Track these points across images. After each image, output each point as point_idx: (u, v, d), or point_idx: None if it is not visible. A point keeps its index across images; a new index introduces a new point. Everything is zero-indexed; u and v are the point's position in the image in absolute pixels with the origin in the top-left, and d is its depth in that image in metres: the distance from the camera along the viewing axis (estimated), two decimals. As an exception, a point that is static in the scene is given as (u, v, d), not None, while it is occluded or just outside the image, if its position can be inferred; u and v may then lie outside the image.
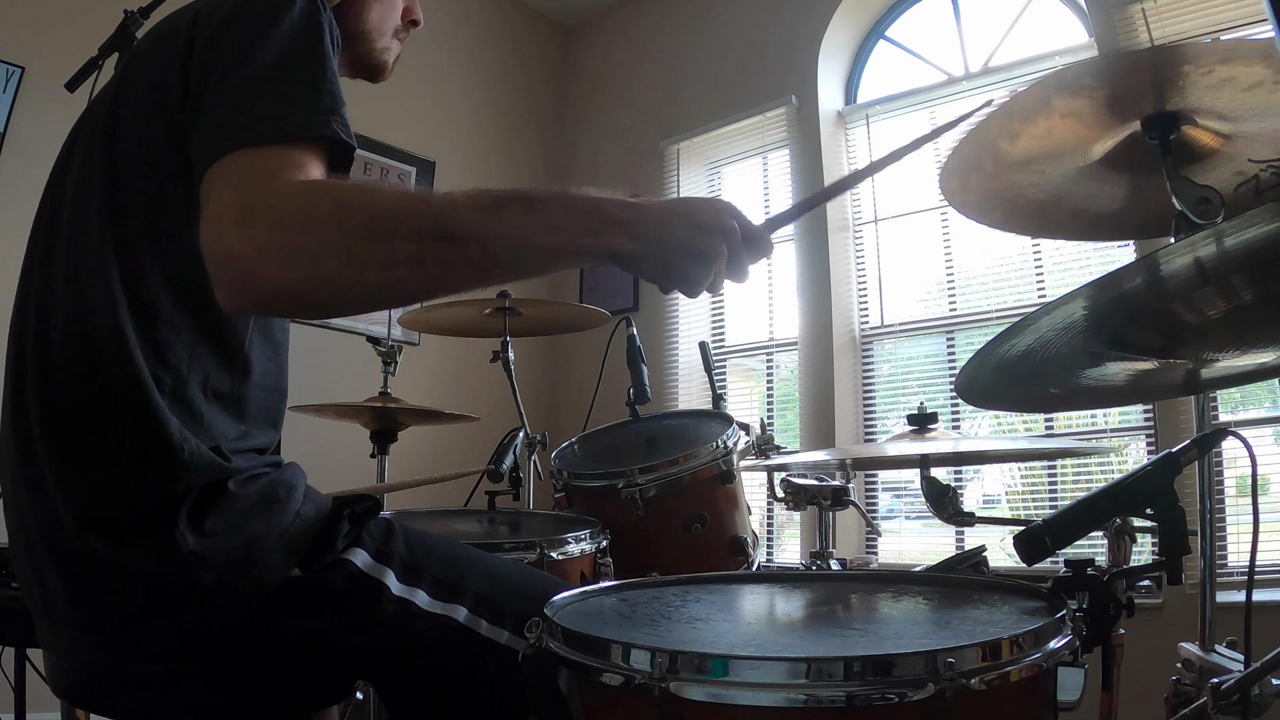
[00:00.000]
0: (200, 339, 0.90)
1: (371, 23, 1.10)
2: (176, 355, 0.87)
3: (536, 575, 1.11)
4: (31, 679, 1.57)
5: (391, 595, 0.92)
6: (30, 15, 2.97)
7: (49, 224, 0.95)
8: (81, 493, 0.84)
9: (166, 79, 0.86)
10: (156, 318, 0.87)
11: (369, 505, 0.97)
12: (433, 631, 0.94)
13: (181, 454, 0.84)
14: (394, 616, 0.92)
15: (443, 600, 0.96)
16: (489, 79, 4.48)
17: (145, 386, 0.84)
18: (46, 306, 0.90)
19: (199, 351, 0.89)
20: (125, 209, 0.88)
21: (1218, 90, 1.20)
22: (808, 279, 3.71)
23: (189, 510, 0.84)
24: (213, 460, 0.86)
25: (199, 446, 0.86)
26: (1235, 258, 0.85)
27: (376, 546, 0.94)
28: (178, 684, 0.88)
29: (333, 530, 0.92)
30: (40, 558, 0.87)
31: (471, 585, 0.98)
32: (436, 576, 0.96)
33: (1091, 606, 0.81)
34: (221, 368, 0.92)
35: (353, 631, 0.92)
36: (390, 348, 2.07)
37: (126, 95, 0.91)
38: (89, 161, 0.91)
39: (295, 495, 0.92)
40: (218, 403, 0.91)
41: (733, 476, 1.76)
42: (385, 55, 1.14)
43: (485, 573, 1.01)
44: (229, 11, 0.86)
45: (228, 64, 0.83)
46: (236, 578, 0.85)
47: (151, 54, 0.91)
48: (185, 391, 0.87)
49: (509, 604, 0.99)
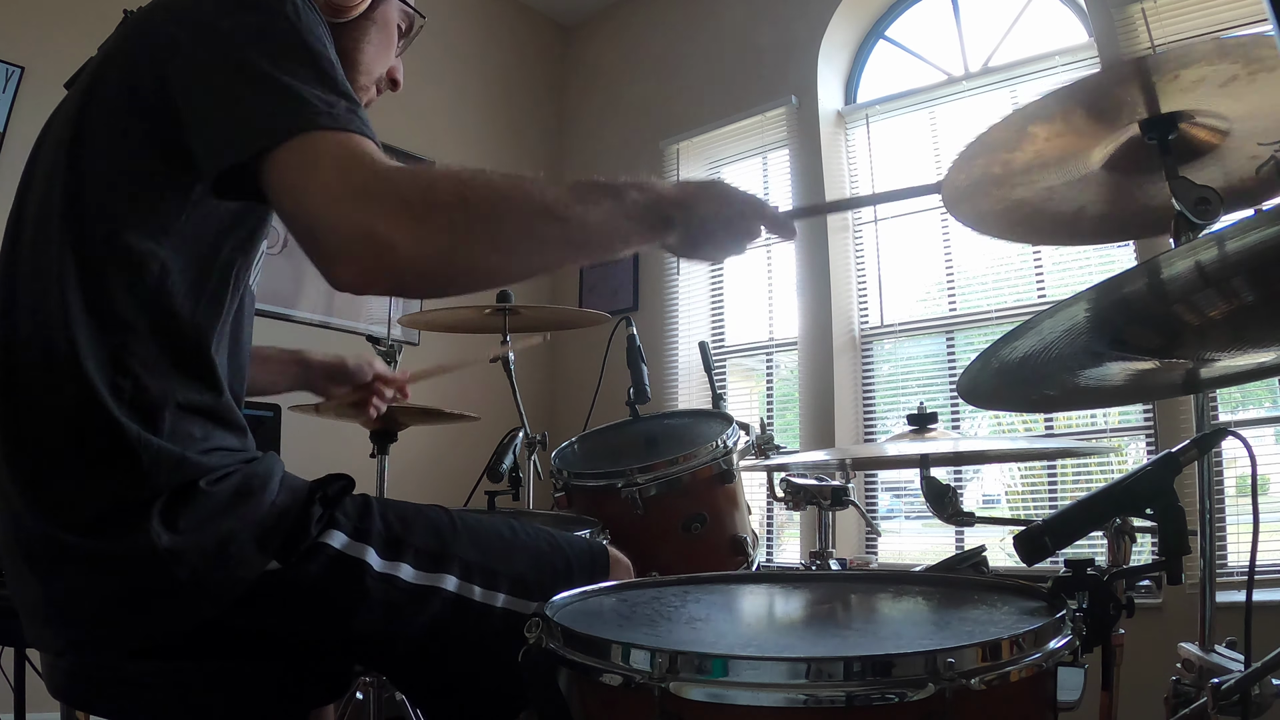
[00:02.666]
0: (163, 346, 0.88)
1: (364, 55, 1.07)
2: (138, 362, 0.86)
3: (527, 531, 1.08)
4: (31, 679, 1.57)
5: (374, 573, 0.91)
6: (30, 15, 2.97)
7: (15, 227, 0.94)
8: (46, 495, 0.84)
9: (141, 78, 0.85)
10: (114, 323, 0.86)
11: (342, 485, 0.96)
12: (422, 605, 0.93)
13: (140, 460, 0.83)
14: (380, 594, 0.91)
15: (428, 571, 0.94)
16: (489, 79, 4.48)
17: (98, 392, 0.83)
18: (8, 310, 0.90)
19: (162, 358, 0.88)
20: (86, 211, 0.87)
21: (1196, 90, 1.21)
22: (808, 279, 3.71)
23: (161, 510, 0.84)
24: (178, 463, 0.85)
25: (161, 450, 0.84)
26: (1236, 260, 0.85)
27: (353, 525, 0.93)
28: (174, 684, 0.88)
29: (305, 516, 0.90)
30: (17, 558, 0.87)
31: (457, 552, 0.96)
32: (419, 548, 0.95)
33: (1091, 606, 0.81)
34: (187, 373, 0.90)
35: (341, 616, 0.91)
36: (390, 346, 2.06)
37: (94, 97, 0.89)
38: (54, 168, 0.90)
39: (270, 485, 0.91)
40: (185, 408, 0.89)
41: (732, 476, 1.76)
42: (362, 95, 1.09)
43: (471, 538, 0.99)
44: (214, 10, 0.84)
45: (227, 57, 0.81)
46: (212, 572, 0.84)
47: (122, 54, 0.89)
48: (146, 398, 0.86)
49: (500, 566, 0.98)
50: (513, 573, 0.98)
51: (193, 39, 0.84)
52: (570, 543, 1.10)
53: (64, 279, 0.85)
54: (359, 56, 1.07)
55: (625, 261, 4.39)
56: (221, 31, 0.83)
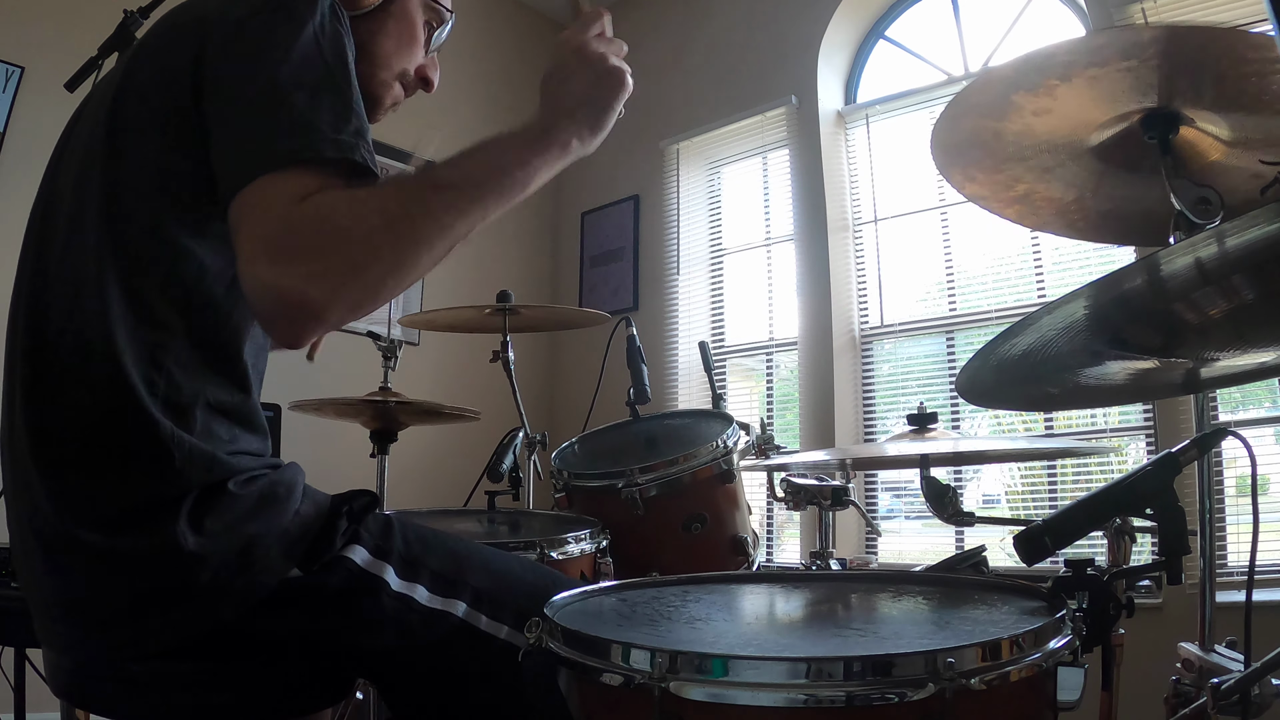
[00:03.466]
0: (198, 345, 0.89)
1: (383, 49, 1.06)
2: (171, 358, 0.87)
3: (537, 570, 1.10)
4: (31, 679, 1.57)
5: (391, 591, 0.92)
6: (30, 15, 2.97)
7: (41, 224, 0.94)
8: (71, 491, 0.84)
9: (174, 81, 0.85)
10: (151, 320, 0.86)
11: (366, 501, 0.97)
12: (432, 627, 0.94)
13: (173, 457, 0.84)
14: (393, 612, 0.92)
15: (442, 595, 0.95)
16: (489, 79, 4.48)
17: (134, 389, 0.84)
18: (40, 306, 0.90)
19: (195, 357, 0.89)
20: (125, 211, 0.87)
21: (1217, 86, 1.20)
22: (807, 279, 3.71)
23: (189, 510, 0.84)
24: (209, 462, 0.86)
25: (194, 448, 0.85)
26: (1236, 258, 0.85)
27: (375, 543, 0.94)
28: (177, 685, 0.88)
29: (331, 528, 0.91)
30: (33, 555, 0.87)
31: (471, 580, 0.97)
32: (435, 571, 0.96)
33: (1091, 606, 0.81)
34: (219, 373, 0.91)
35: (353, 629, 0.92)
36: (391, 342, 2.06)
37: (129, 98, 0.90)
38: (89, 163, 0.90)
39: (295, 494, 0.92)
40: (214, 407, 0.90)
41: (733, 476, 1.76)
42: (382, 90, 1.09)
43: (485, 568, 1.01)
44: (246, 12, 0.85)
45: (248, 69, 0.82)
46: (234, 577, 0.84)
47: (156, 55, 0.90)
48: (179, 395, 0.87)
49: (508, 598, 0.99)
50: (518, 607, 0.99)
51: (219, 45, 0.85)
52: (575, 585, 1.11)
53: (103, 277, 0.85)
54: (375, 49, 1.06)
55: (625, 262, 4.40)
56: (240, 48, 0.84)
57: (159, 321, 0.87)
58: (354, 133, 0.82)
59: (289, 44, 0.82)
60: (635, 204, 4.42)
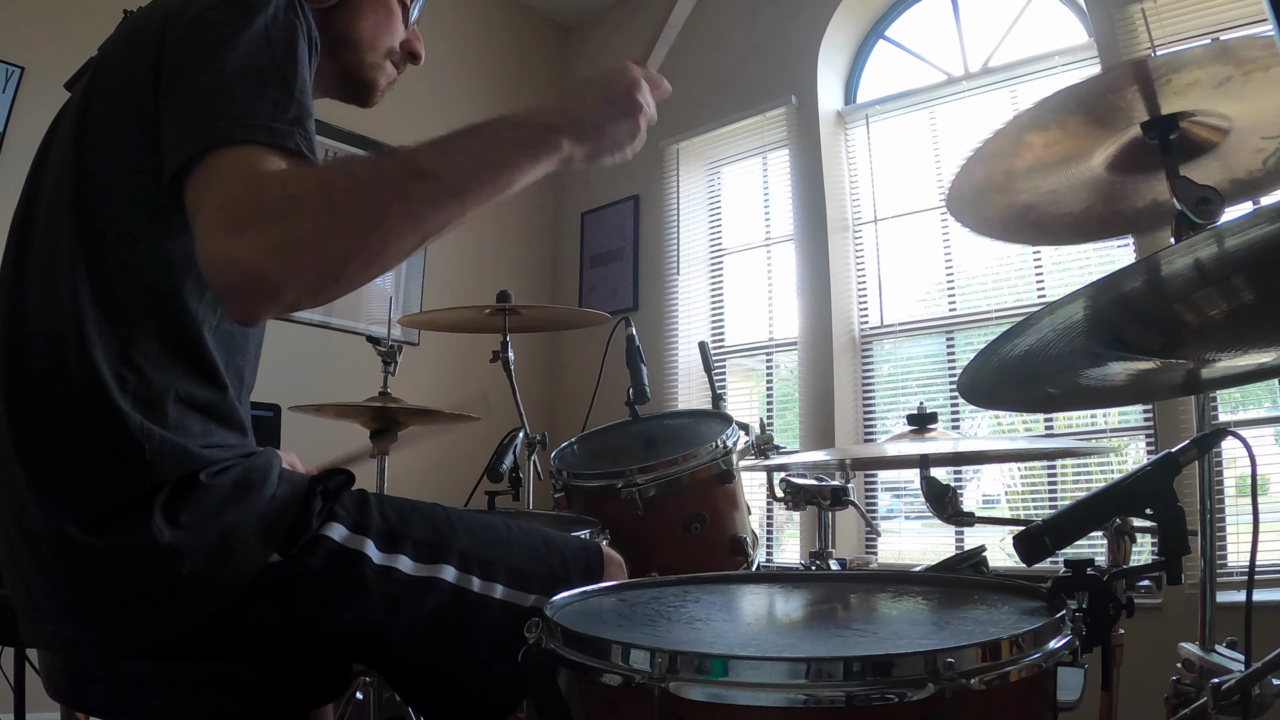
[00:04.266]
0: (164, 339, 0.89)
1: (363, 33, 1.07)
2: (140, 353, 0.87)
3: (523, 529, 1.09)
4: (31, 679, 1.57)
5: (373, 565, 0.92)
6: (30, 15, 2.97)
7: (22, 223, 0.95)
8: (55, 488, 0.84)
9: (138, 77, 0.86)
10: (119, 315, 0.87)
11: (341, 480, 0.97)
12: (422, 598, 0.94)
13: (144, 450, 0.84)
14: (379, 587, 0.92)
15: (426, 562, 0.95)
16: (489, 79, 4.48)
17: (105, 384, 0.84)
18: (17, 303, 0.90)
19: (163, 351, 0.89)
20: (94, 207, 0.88)
21: (1190, 93, 1.21)
22: (807, 279, 3.71)
23: (163, 504, 0.84)
24: (181, 454, 0.86)
25: (164, 440, 0.85)
26: (1236, 258, 0.85)
27: (352, 519, 0.93)
28: (174, 685, 0.88)
29: (306, 509, 0.91)
30: (20, 554, 0.87)
31: (455, 543, 0.97)
32: (417, 540, 0.95)
33: (1091, 606, 0.81)
34: (187, 366, 0.91)
35: (340, 609, 0.92)
36: (390, 347, 2.06)
37: (98, 94, 0.91)
38: (62, 161, 0.91)
39: (270, 479, 0.92)
40: (185, 401, 0.90)
41: (732, 476, 1.76)
42: (374, 73, 1.10)
43: (468, 530, 1.00)
44: (203, 7, 0.85)
45: (199, 61, 0.82)
46: (215, 568, 0.84)
47: (122, 52, 0.90)
48: (149, 389, 0.87)
49: (498, 557, 0.98)
50: (510, 564, 0.99)
51: (178, 39, 0.85)
52: (565, 540, 1.11)
53: (75, 272, 0.86)
54: (356, 35, 1.07)
55: (625, 262, 4.39)
56: (195, 41, 0.84)
57: (127, 316, 0.87)
58: (291, 120, 0.81)
59: (239, 36, 0.83)
60: (635, 204, 4.42)
